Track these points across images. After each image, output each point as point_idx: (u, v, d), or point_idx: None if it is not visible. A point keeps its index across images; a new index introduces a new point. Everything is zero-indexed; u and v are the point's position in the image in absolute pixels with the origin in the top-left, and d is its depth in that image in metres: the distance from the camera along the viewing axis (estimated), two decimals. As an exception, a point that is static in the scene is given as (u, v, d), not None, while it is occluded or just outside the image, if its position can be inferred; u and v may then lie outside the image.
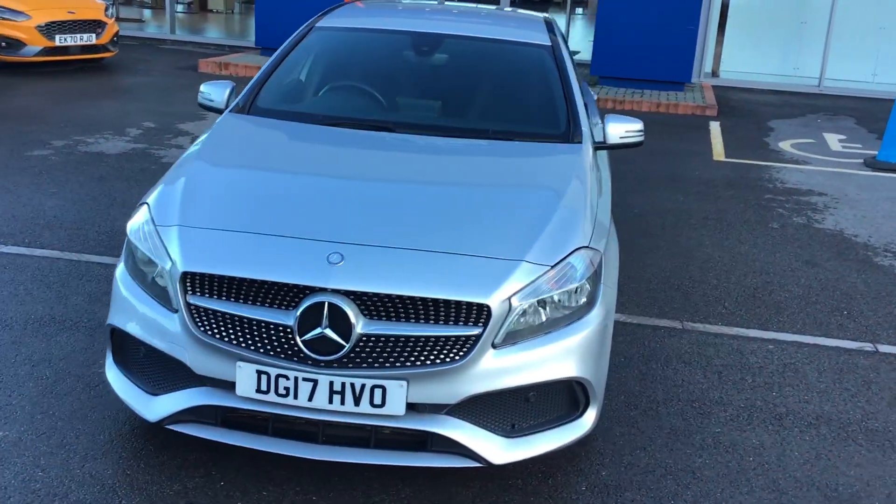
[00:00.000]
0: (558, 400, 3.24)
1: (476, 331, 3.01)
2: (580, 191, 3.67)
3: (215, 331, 3.05)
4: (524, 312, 3.10)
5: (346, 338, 2.95)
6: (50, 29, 11.37)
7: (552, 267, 3.19)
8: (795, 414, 4.09)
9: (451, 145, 3.98)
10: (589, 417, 3.33)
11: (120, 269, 3.41)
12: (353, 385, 2.97)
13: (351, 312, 2.96)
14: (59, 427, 3.54)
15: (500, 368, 3.05)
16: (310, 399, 3.00)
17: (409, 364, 2.98)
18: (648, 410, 4.01)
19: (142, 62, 13.43)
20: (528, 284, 3.11)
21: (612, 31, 12.64)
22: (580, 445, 3.59)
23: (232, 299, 3.05)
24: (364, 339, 2.97)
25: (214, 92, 4.44)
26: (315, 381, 2.98)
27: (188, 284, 3.09)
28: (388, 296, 2.98)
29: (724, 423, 3.95)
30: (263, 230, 3.19)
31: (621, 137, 4.28)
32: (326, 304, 2.95)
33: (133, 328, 3.25)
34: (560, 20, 14.89)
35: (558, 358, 3.15)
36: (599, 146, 4.30)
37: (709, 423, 3.94)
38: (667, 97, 12.21)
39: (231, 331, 3.04)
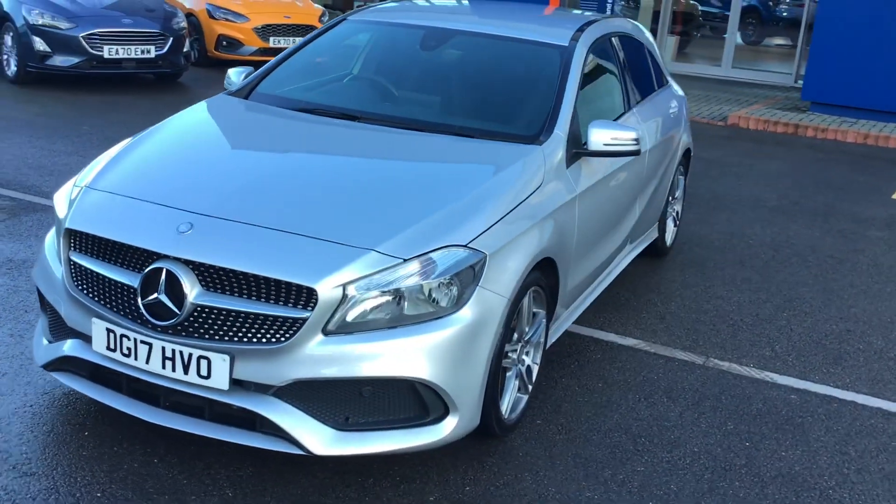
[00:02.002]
0: (402, 400, 3.09)
1: (303, 314, 2.95)
2: (494, 190, 3.47)
3: (82, 286, 3.22)
4: (370, 303, 2.99)
5: (181, 306, 3.00)
6: (265, 31, 12.32)
7: (406, 260, 3.05)
8: (765, 469, 3.60)
9: (398, 138, 3.90)
10: (447, 426, 3.15)
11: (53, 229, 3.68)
12: (181, 353, 3.02)
13: (187, 281, 3.00)
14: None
15: (328, 356, 2.97)
16: (147, 362, 3.08)
17: (235, 339, 2.98)
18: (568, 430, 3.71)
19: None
20: (371, 275, 3.00)
21: (825, 56, 11.63)
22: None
23: (97, 258, 3.21)
24: (198, 309, 3.01)
25: (234, 75, 4.64)
26: (150, 345, 3.06)
27: (71, 241, 3.29)
28: (224, 269, 3.00)
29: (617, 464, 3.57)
30: (139, 195, 3.32)
31: (606, 145, 3.97)
32: (165, 270, 3.02)
33: (38, 280, 3.50)
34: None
35: (400, 355, 3.01)
36: (580, 153, 4.02)
37: (636, 463, 3.58)
38: (879, 129, 11.04)
39: (93, 288, 3.20)
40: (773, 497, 3.42)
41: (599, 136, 3.97)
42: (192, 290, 3.00)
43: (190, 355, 3.01)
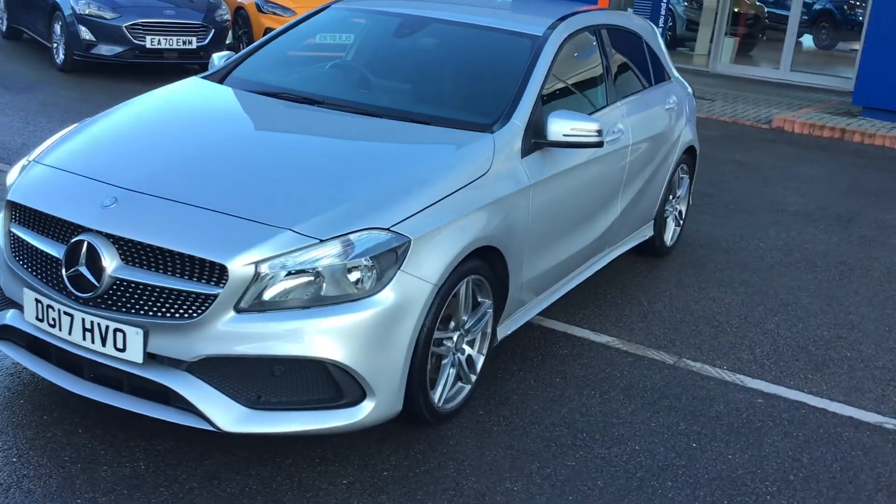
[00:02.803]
0: (316, 381, 3.08)
1: (214, 290, 2.97)
2: (430, 176, 3.44)
3: (19, 257, 3.30)
4: (289, 283, 3.00)
5: (100, 278, 3.05)
6: (311, 25, 12.45)
7: (322, 241, 3.05)
8: (704, 471, 3.50)
9: (350, 122, 3.90)
10: (364, 410, 3.14)
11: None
12: (99, 325, 3.07)
13: (107, 255, 3.05)
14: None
15: (239, 333, 2.98)
16: (69, 333, 3.14)
17: (150, 313, 3.02)
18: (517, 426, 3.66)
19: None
20: (284, 254, 3.01)
21: (878, 59, 11.23)
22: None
23: (32, 229, 3.29)
24: (117, 282, 3.05)
25: (217, 59, 4.69)
26: (72, 316, 3.12)
27: (11, 213, 3.37)
28: (141, 243, 3.04)
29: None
30: (75, 169, 3.39)
31: (565, 136, 3.91)
32: (86, 243, 3.08)
33: (-10, 252, 3.60)
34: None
35: (312, 336, 3.01)
36: (540, 143, 3.96)
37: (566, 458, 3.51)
38: (933, 136, 10.63)
39: (26, 258, 3.28)
40: (704, 499, 3.32)
41: (559, 127, 3.91)
42: (111, 264, 3.05)
43: (107, 327, 3.05)
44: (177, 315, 3.00)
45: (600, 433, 3.70)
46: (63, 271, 3.12)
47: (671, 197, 5.85)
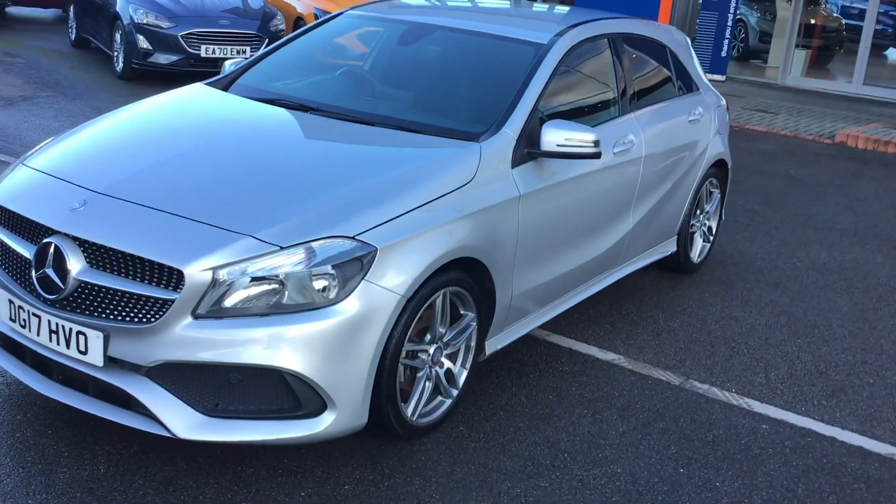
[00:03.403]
0: (274, 391, 3.04)
1: (172, 295, 2.95)
2: (403, 184, 3.37)
3: None
4: (250, 290, 2.97)
5: (65, 281, 3.07)
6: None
7: (283, 248, 3.01)
8: (686, 498, 3.35)
9: (337, 129, 3.86)
10: (324, 421, 3.08)
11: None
12: (63, 327, 3.08)
13: (73, 258, 3.07)
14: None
15: (196, 339, 2.96)
16: (38, 334, 3.16)
17: (110, 316, 3.02)
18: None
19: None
20: (243, 260, 2.97)
21: None
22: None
23: (9, 230, 3.33)
24: (81, 285, 3.06)
25: (229, 65, 4.70)
26: (40, 318, 3.14)
27: (-5, 214, 3.43)
28: (104, 247, 3.05)
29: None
30: (53, 172, 3.42)
31: (559, 146, 3.79)
32: (53, 245, 3.10)
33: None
34: None
35: (269, 344, 2.96)
36: (534, 153, 3.86)
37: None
38: None
39: (3, 259, 3.31)
40: (679, 528, 3.16)
41: (553, 137, 3.80)
42: (76, 266, 3.06)
43: (71, 330, 3.06)
44: (135, 319, 2.99)
45: (583, 454, 3.57)
46: (32, 273, 3.15)
47: (698, 212, 5.66)
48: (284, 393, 3.05)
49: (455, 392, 3.66)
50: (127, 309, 3.01)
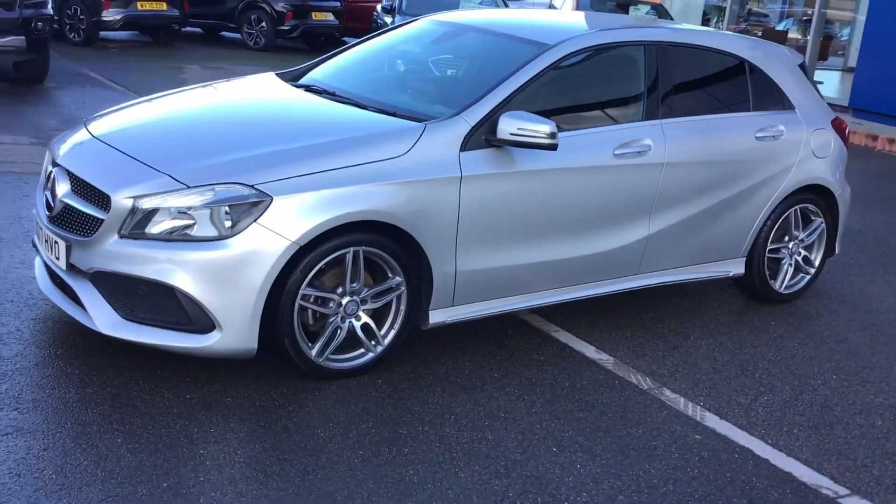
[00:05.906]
0: (171, 305, 3.63)
1: (104, 215, 3.69)
2: (324, 149, 3.83)
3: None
4: (169, 220, 3.61)
5: (55, 202, 3.94)
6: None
7: (189, 187, 3.63)
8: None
9: (321, 106, 4.39)
10: (212, 338, 3.63)
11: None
12: (50, 239, 3.94)
13: (61, 183, 3.93)
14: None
15: (117, 254, 3.66)
16: (43, 246, 4.06)
17: (72, 230, 3.82)
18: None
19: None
20: (156, 193, 3.63)
21: (873, 63, 12.24)
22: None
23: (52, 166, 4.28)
24: (65, 206, 3.91)
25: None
26: (44, 231, 4.03)
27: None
28: (77, 176, 3.88)
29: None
30: (91, 129, 4.26)
31: (512, 134, 4.00)
32: (53, 173, 3.99)
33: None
34: None
35: (167, 265, 3.58)
36: (491, 140, 4.10)
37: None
38: None
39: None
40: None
41: (506, 126, 4.02)
42: (62, 190, 3.91)
43: (55, 241, 3.91)
44: (82, 233, 3.76)
45: (473, 423, 3.74)
46: (47, 195, 4.06)
47: (786, 238, 5.38)
48: (178, 308, 3.64)
49: (379, 348, 4.01)
50: (81, 225, 3.78)
